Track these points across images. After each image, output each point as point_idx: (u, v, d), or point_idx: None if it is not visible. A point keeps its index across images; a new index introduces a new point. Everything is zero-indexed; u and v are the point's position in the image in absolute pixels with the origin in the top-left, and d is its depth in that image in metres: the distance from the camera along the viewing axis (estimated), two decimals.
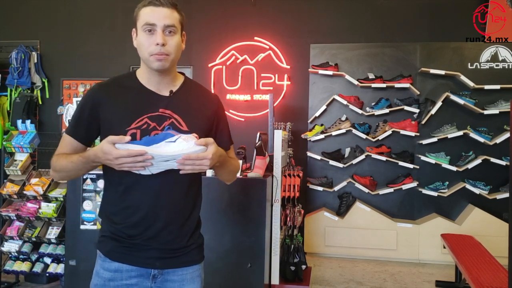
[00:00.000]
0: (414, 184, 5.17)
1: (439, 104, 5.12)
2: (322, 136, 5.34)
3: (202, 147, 1.35)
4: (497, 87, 5.04)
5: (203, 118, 1.57)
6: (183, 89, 1.58)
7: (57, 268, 3.79)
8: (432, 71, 5.16)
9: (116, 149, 1.33)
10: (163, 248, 1.51)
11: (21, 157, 4.01)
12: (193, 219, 1.60)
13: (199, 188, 1.64)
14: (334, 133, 5.31)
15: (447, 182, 5.15)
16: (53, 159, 1.55)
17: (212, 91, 2.70)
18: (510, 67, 5.10)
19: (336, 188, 5.30)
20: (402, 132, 5.18)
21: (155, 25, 1.46)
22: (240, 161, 3.43)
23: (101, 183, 3.33)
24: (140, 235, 1.50)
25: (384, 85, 5.23)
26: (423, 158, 5.17)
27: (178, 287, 1.55)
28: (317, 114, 5.39)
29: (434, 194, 5.10)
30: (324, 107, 5.37)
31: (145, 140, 1.34)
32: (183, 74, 1.64)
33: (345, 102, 5.29)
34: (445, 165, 5.10)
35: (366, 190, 5.22)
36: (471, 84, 5.06)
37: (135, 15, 1.53)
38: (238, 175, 3.13)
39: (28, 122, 4.01)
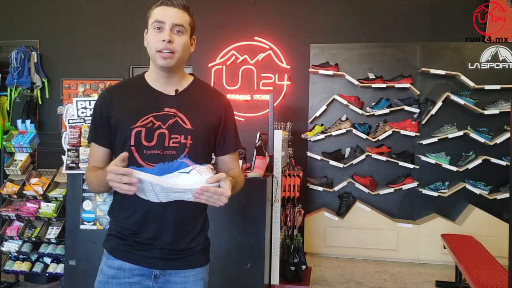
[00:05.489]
0: (414, 184, 5.17)
1: (439, 104, 5.12)
2: (322, 136, 5.34)
3: (215, 183, 1.30)
4: (497, 87, 5.04)
5: (209, 118, 1.57)
6: (191, 89, 1.60)
7: (57, 268, 3.79)
8: (432, 71, 5.16)
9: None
10: (166, 248, 1.51)
11: (21, 157, 4.00)
12: (199, 221, 1.59)
13: None
14: (334, 133, 5.31)
15: (447, 182, 5.15)
16: (86, 173, 1.59)
17: None
18: (510, 67, 5.10)
19: (336, 188, 5.29)
20: (402, 132, 5.18)
21: (163, 23, 1.50)
22: (240, 161, 3.43)
23: None
24: (142, 233, 1.51)
25: (384, 85, 5.22)
26: (423, 158, 5.17)
27: None
28: (317, 114, 5.39)
29: (434, 194, 5.10)
30: (324, 107, 5.37)
31: (159, 168, 1.31)
32: (193, 75, 1.66)
33: (345, 102, 5.29)
34: (445, 165, 5.10)
35: (366, 190, 5.22)
36: (471, 84, 5.05)
37: (148, 16, 1.56)
38: None
39: (28, 122, 4.01)
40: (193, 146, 1.50)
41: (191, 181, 1.29)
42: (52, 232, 3.81)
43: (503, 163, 4.99)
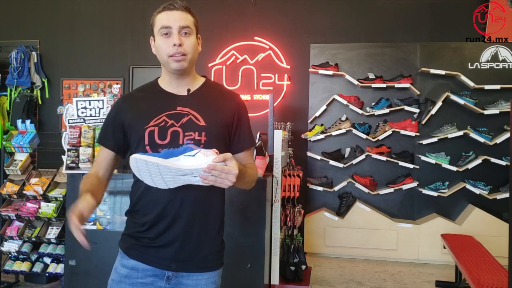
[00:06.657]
0: (414, 184, 5.17)
1: (439, 104, 5.12)
2: (322, 136, 5.33)
3: (221, 163, 1.32)
4: (497, 87, 5.04)
5: (222, 115, 1.57)
6: (203, 89, 1.62)
7: (56, 268, 3.79)
8: (432, 71, 5.16)
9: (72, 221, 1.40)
10: (179, 250, 1.51)
11: (21, 157, 4.01)
12: (214, 224, 1.58)
13: (223, 191, 1.60)
14: (334, 133, 5.31)
15: (447, 182, 5.15)
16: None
17: None
18: (510, 67, 5.10)
19: (336, 188, 5.29)
20: (402, 132, 5.18)
21: (170, 28, 1.51)
22: None
23: None
24: (156, 234, 1.51)
25: (384, 85, 5.22)
26: (423, 158, 5.17)
27: None
28: (317, 114, 5.39)
29: (434, 194, 5.10)
30: (324, 107, 5.37)
31: (164, 153, 1.33)
32: (205, 77, 1.67)
33: (345, 102, 5.29)
34: (445, 165, 5.10)
35: (366, 190, 5.22)
36: (471, 84, 5.05)
37: (151, 23, 1.57)
38: None
39: (28, 122, 4.01)
40: (207, 142, 1.50)
41: (197, 162, 1.30)
42: (52, 232, 3.81)
43: (503, 163, 4.99)
